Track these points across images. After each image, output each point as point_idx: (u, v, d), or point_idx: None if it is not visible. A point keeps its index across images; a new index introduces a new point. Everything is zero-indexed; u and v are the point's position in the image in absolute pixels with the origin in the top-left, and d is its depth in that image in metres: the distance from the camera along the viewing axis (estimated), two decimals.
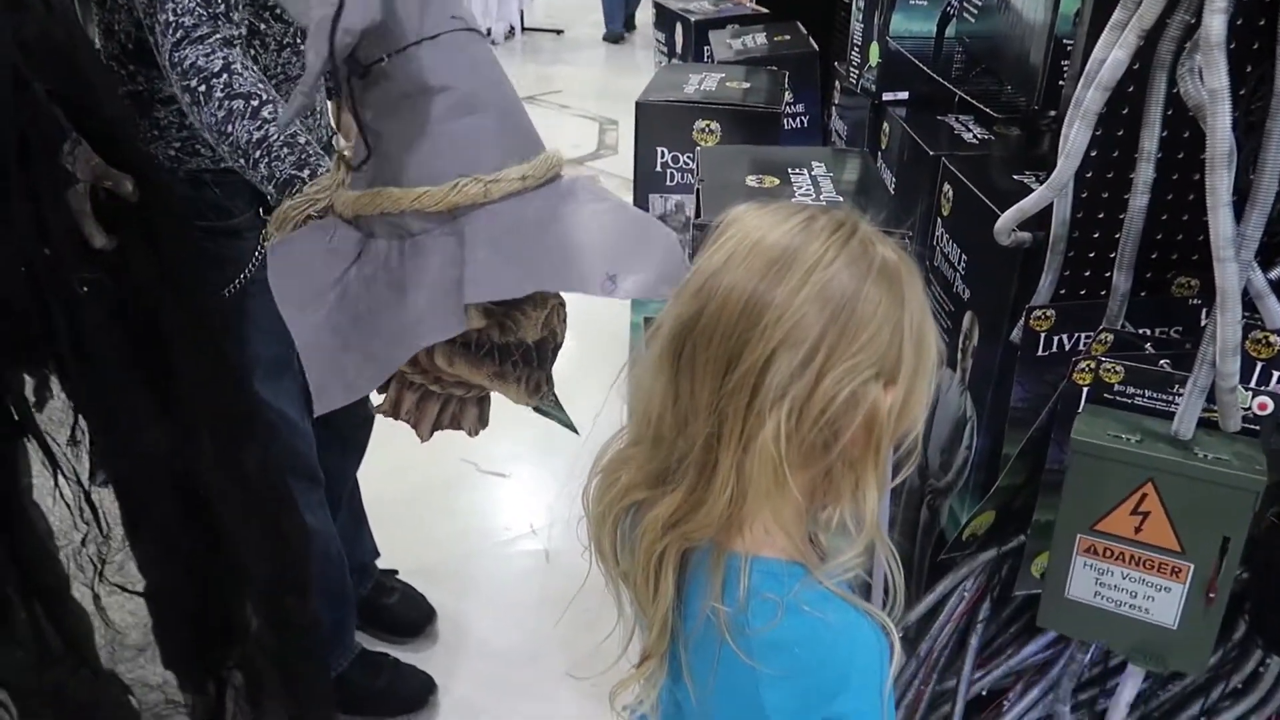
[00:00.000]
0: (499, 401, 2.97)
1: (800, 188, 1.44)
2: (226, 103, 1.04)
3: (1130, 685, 1.27)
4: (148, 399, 1.02)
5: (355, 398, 0.88)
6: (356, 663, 1.74)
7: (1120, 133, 1.16)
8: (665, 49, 3.18)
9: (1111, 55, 1.01)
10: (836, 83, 2.25)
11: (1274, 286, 1.18)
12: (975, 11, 1.67)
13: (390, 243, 0.85)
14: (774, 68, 2.19)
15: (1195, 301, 1.20)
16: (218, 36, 1.08)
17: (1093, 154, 1.20)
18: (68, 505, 1.09)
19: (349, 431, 1.76)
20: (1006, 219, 1.17)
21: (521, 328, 0.91)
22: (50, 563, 1.09)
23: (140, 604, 1.17)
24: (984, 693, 1.47)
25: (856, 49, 2.01)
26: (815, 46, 2.35)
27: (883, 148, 1.90)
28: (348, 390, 0.87)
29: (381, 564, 1.99)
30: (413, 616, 1.93)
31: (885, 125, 1.89)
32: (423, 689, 1.78)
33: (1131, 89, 1.13)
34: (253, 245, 1.34)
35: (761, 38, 2.51)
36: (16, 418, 1.03)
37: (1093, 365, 1.14)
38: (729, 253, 0.70)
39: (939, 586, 1.37)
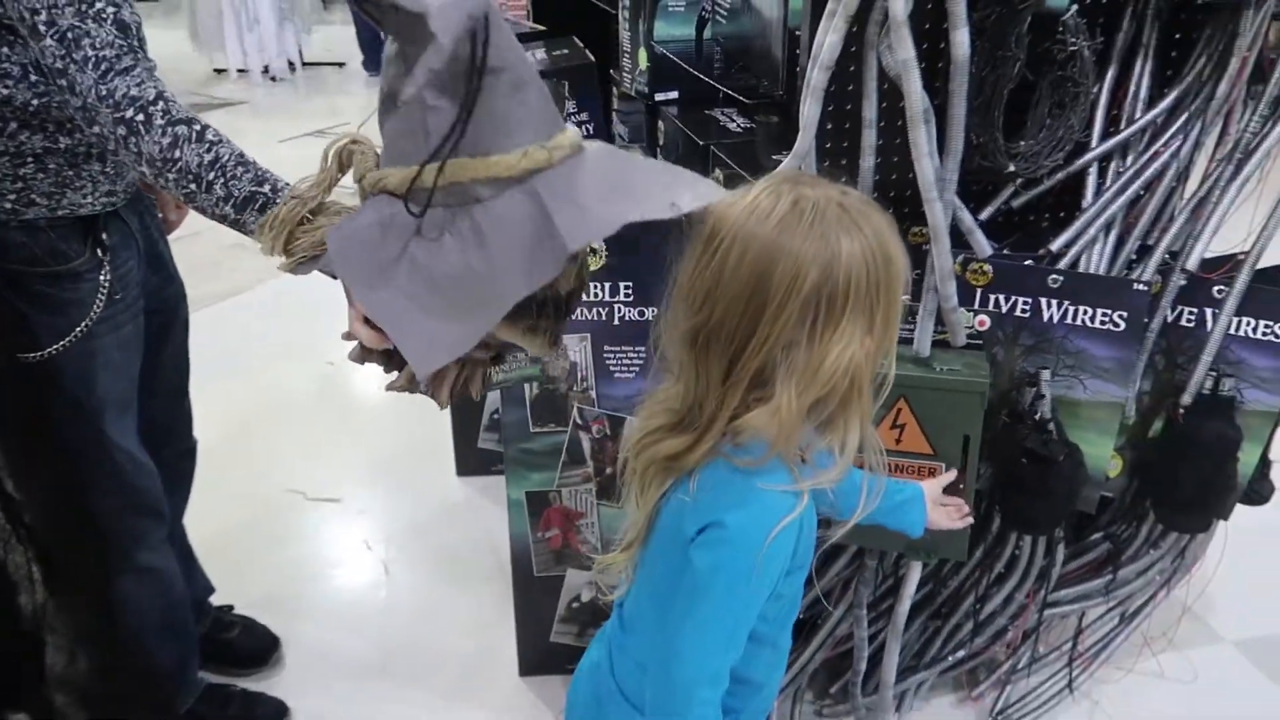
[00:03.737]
0: (324, 428, 2.91)
1: None
2: (170, 129, 1.04)
3: (911, 579, 1.46)
4: None
5: (455, 356, 0.91)
6: (204, 698, 1.71)
7: (849, 106, 1.35)
8: None
9: (828, 39, 1.19)
10: (614, 89, 2.40)
11: (986, 226, 1.41)
12: (725, 14, 1.86)
13: (453, 211, 0.89)
14: (555, 80, 2.32)
15: (927, 246, 1.40)
16: (141, 68, 1.09)
17: (829, 126, 1.39)
18: None
19: (174, 466, 1.74)
20: None
21: (559, 280, 0.95)
22: None
23: None
24: (801, 617, 1.64)
25: (627, 55, 2.16)
26: (592, 58, 2.50)
27: (660, 144, 2.06)
28: (448, 351, 0.89)
29: (217, 600, 1.96)
30: (256, 647, 1.91)
31: (660, 123, 2.05)
32: (275, 713, 1.77)
33: (853, 68, 1.32)
34: (94, 286, 1.33)
35: (541, 53, 2.63)
36: None
37: None
38: (721, 263, 0.81)
39: None
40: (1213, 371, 1.33)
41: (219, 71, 6.96)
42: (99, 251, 1.32)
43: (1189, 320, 1.35)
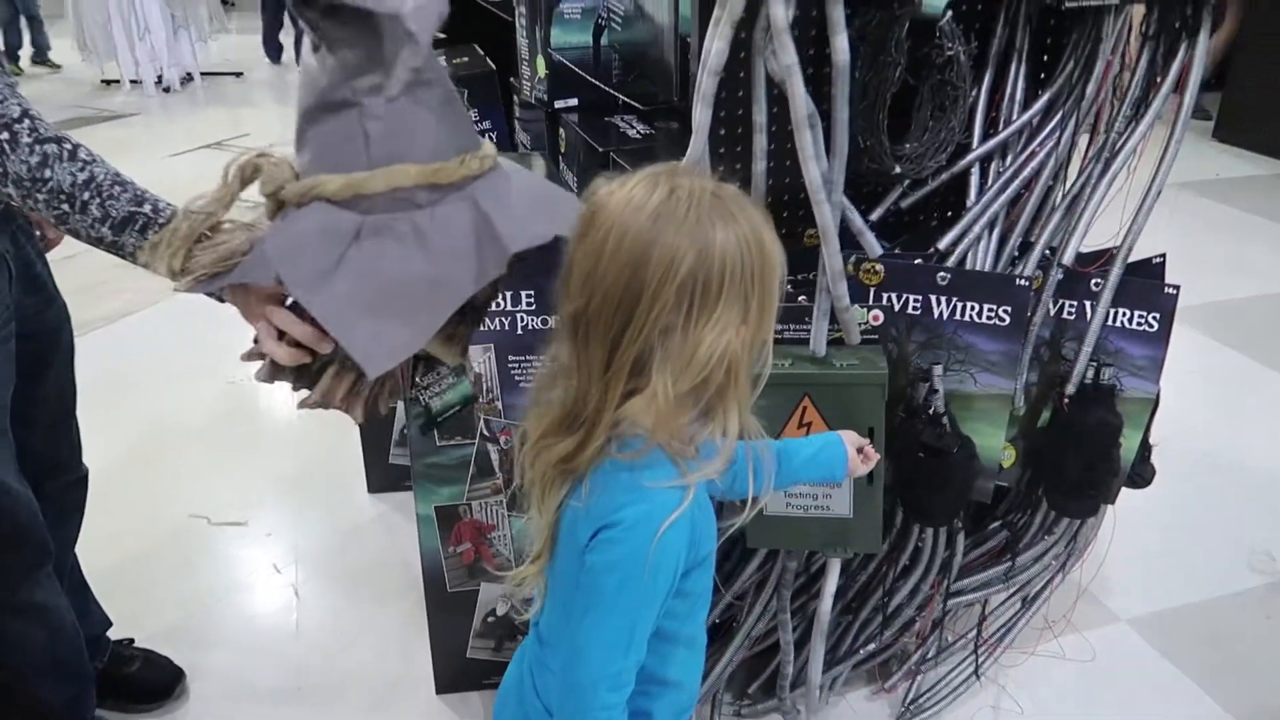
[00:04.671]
0: (227, 449, 2.83)
1: None
2: (38, 148, 1.00)
3: (831, 577, 1.48)
4: None
5: (403, 358, 0.91)
6: None
7: (741, 111, 1.37)
8: None
9: (715, 45, 1.20)
10: (515, 97, 2.39)
11: (877, 227, 1.44)
12: (620, 21, 1.87)
13: (395, 216, 0.89)
14: (456, 89, 2.29)
15: None
16: (3, 83, 1.04)
17: (722, 132, 1.40)
18: None
19: (61, 497, 1.66)
20: None
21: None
22: None
23: None
24: (716, 621, 1.65)
25: (526, 63, 2.16)
26: (493, 66, 2.48)
27: (562, 151, 2.06)
28: (395, 353, 0.89)
29: (117, 633, 1.88)
30: (158, 680, 1.84)
31: (561, 131, 2.05)
32: None
33: (743, 74, 1.33)
34: None
35: (441, 61, 2.61)
36: None
37: None
38: (599, 249, 0.82)
39: None
40: (1093, 361, 1.39)
41: (109, 83, 6.72)
42: None
43: (1070, 313, 1.40)
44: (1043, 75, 1.43)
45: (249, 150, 0.97)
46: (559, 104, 2.06)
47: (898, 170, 1.33)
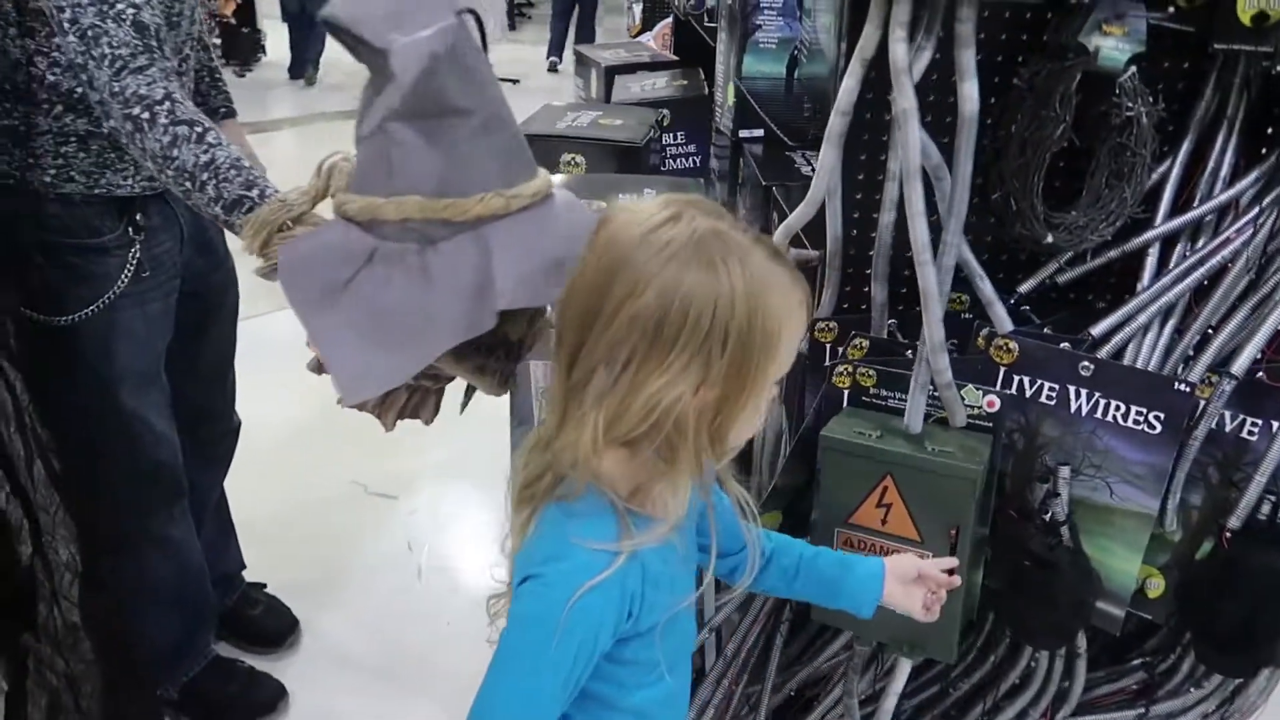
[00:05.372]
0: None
1: None
2: (171, 129, 1.11)
3: (899, 675, 1.33)
4: None
5: (384, 390, 0.95)
6: (209, 668, 1.77)
7: (883, 157, 1.25)
8: (584, 93, 3.32)
9: (844, 84, 1.11)
10: (713, 123, 2.35)
11: (1032, 299, 1.28)
12: (807, 54, 1.79)
13: (407, 246, 0.91)
14: (664, 110, 2.30)
15: (967, 315, 1.28)
16: (155, 68, 1.16)
17: (859, 177, 1.30)
18: None
19: (211, 444, 1.81)
20: (777, 236, 1.26)
21: (507, 326, 0.98)
22: None
23: None
24: (792, 693, 1.52)
25: (720, 89, 2.12)
26: (707, 90, 2.47)
27: (739, 181, 2.00)
28: (378, 384, 0.93)
29: (253, 577, 2.03)
30: (275, 627, 1.97)
31: (741, 161, 1.99)
32: (274, 696, 1.81)
33: (888, 116, 1.22)
34: (122, 261, 1.41)
35: (661, 82, 2.63)
36: None
37: (850, 370, 1.22)
38: (585, 259, 0.78)
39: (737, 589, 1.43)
40: (1270, 495, 1.15)
41: None
42: (130, 230, 1.39)
43: (1251, 432, 1.17)
44: (1265, 149, 1.21)
45: (340, 151, 1.00)
46: (743, 133, 2.00)
47: (1050, 239, 1.17)
